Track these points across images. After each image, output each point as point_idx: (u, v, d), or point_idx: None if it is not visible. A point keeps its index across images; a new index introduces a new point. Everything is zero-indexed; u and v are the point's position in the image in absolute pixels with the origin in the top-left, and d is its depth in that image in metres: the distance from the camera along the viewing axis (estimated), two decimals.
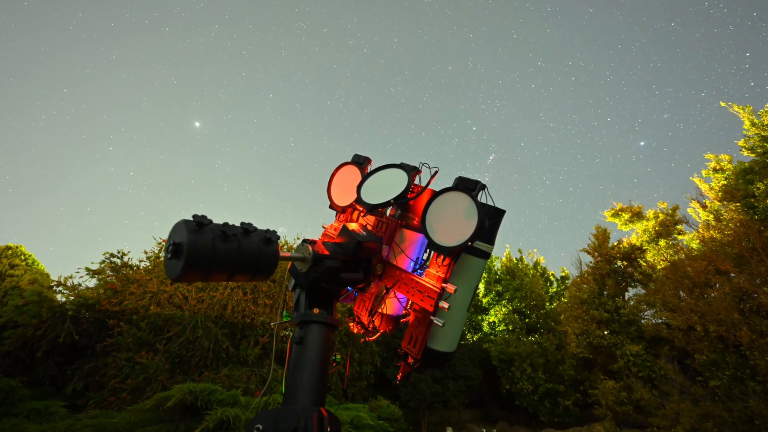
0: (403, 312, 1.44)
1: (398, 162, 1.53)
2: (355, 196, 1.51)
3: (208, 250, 0.88)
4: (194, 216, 0.89)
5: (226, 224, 0.94)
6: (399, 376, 1.37)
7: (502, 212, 1.24)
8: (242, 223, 0.98)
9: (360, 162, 1.64)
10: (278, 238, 1.03)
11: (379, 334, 1.47)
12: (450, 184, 1.26)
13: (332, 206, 1.64)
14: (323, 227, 1.60)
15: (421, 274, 1.31)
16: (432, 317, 1.17)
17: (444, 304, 1.15)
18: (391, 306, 1.46)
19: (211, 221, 0.91)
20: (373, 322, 1.46)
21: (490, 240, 1.23)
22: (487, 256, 1.23)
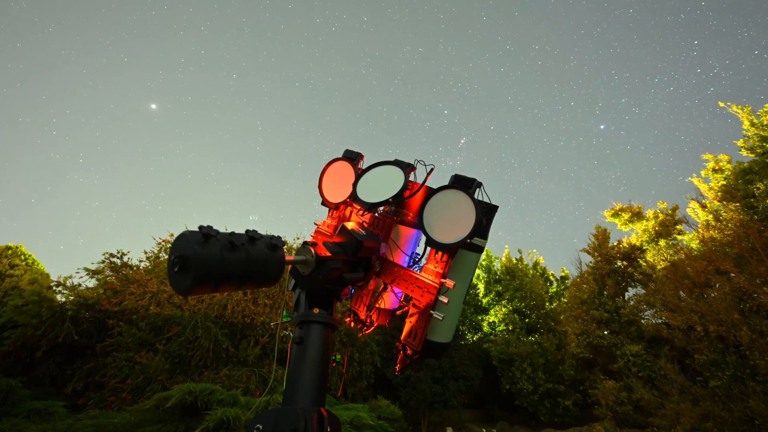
0: (399, 305, 1.47)
1: (392, 159, 1.55)
2: (347, 192, 1.52)
3: (217, 262, 0.86)
4: (200, 227, 0.88)
5: (232, 233, 0.93)
6: (398, 368, 1.40)
7: (495, 208, 1.30)
8: (247, 231, 0.98)
9: (352, 158, 1.63)
10: (283, 243, 1.03)
11: (374, 327, 1.50)
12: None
13: (325, 203, 1.63)
14: (315, 224, 1.62)
15: (418, 269, 1.34)
16: (432, 311, 1.21)
17: (443, 299, 1.19)
18: (388, 300, 1.49)
19: (217, 232, 0.90)
20: (370, 316, 1.48)
21: (485, 235, 1.26)
22: (481, 250, 1.28)
